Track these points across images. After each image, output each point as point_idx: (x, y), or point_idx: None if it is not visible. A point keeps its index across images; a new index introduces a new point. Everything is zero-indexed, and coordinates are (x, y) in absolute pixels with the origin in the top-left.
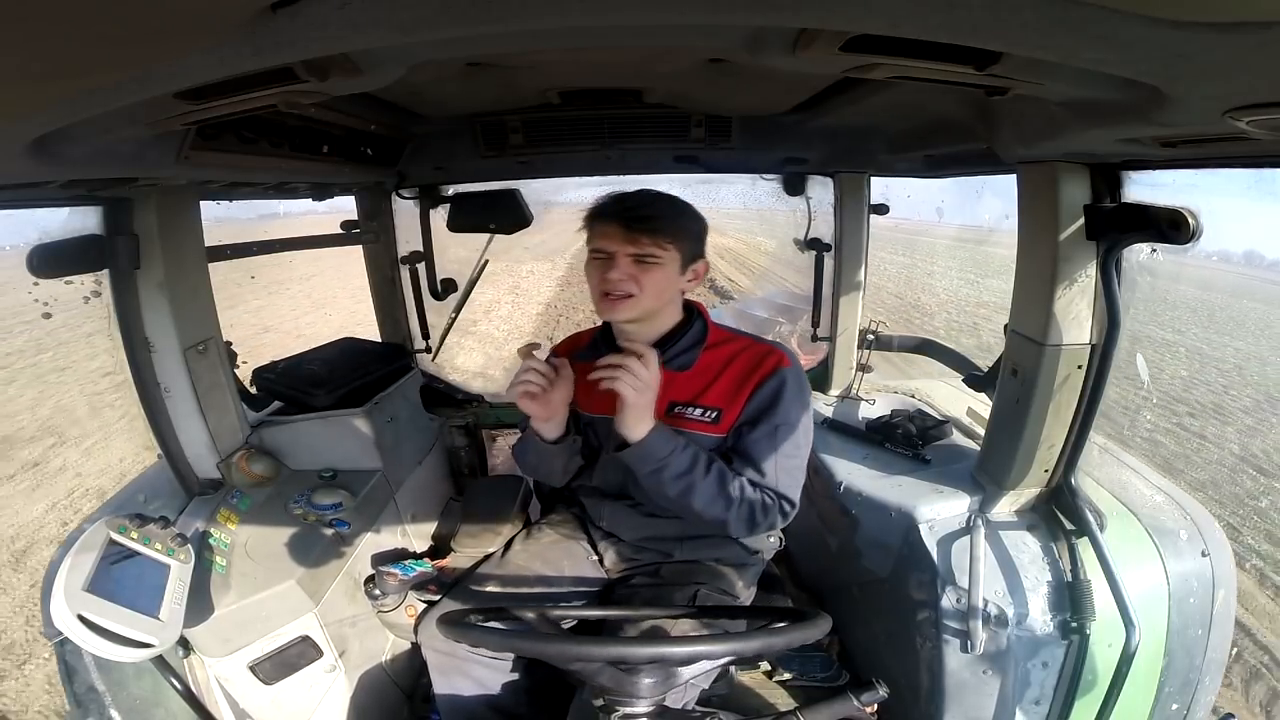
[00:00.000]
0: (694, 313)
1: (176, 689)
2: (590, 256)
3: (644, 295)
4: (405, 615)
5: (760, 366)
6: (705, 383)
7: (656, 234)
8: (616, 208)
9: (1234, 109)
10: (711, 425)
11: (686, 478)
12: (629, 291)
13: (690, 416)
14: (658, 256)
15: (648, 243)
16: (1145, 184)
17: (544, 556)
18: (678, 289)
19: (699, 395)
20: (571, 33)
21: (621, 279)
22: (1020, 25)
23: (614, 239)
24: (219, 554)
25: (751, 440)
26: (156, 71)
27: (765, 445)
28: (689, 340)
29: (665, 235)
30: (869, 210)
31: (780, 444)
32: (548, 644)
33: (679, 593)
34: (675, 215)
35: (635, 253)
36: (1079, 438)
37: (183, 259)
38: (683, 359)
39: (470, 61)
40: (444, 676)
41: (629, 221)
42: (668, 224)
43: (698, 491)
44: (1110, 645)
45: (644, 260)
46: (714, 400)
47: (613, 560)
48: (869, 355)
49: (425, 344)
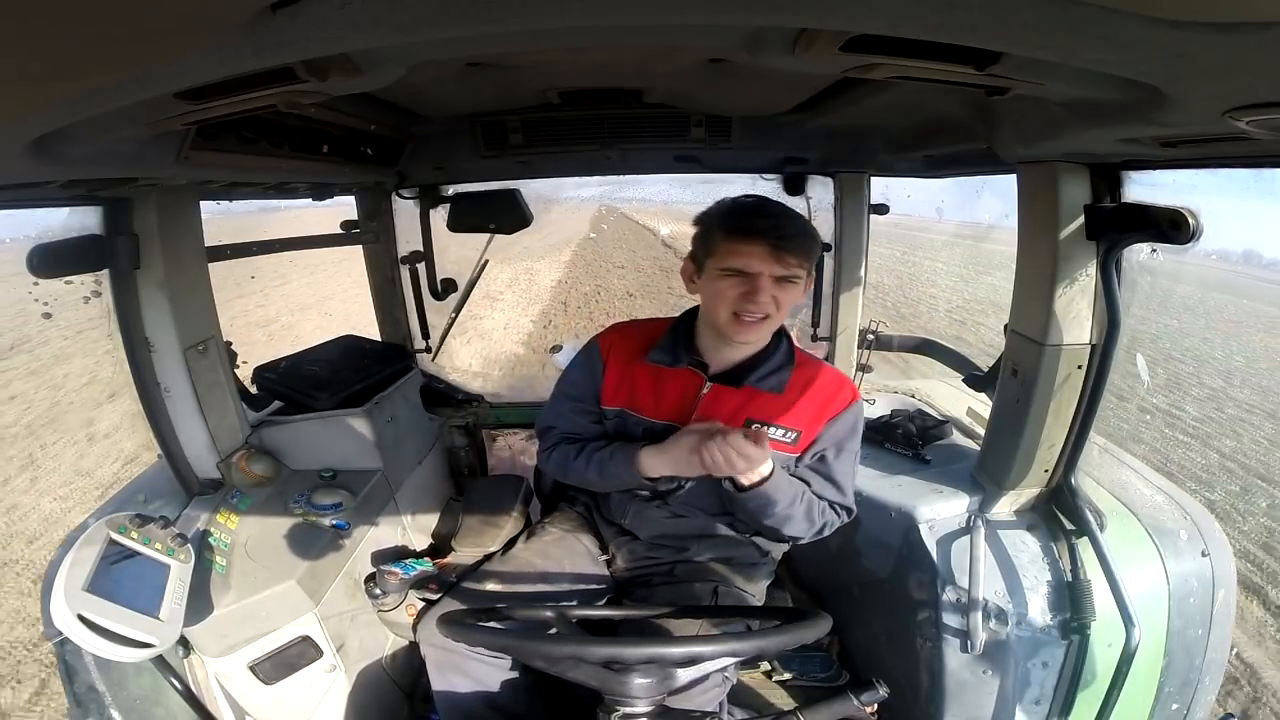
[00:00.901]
0: (781, 332)
1: (176, 689)
2: (722, 274)
3: (779, 315)
4: (406, 614)
5: (839, 397)
6: (788, 403)
7: (801, 254)
8: (763, 227)
9: (1234, 109)
10: (790, 446)
11: (788, 509)
12: (768, 313)
13: (772, 436)
14: (799, 277)
15: (794, 264)
16: (1145, 184)
17: (546, 554)
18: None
19: (781, 414)
20: (571, 33)
21: (766, 302)
22: (1020, 25)
23: (759, 259)
24: (219, 554)
25: (836, 466)
26: (156, 71)
27: (846, 471)
28: (778, 361)
29: (807, 255)
30: (869, 210)
31: (854, 468)
32: (543, 646)
33: (684, 589)
34: (809, 231)
35: (782, 274)
36: (1079, 438)
37: (182, 259)
38: (773, 381)
39: (470, 61)
40: (442, 674)
41: (778, 241)
42: (809, 242)
43: (792, 521)
44: (1110, 645)
45: (788, 282)
46: (794, 422)
47: (625, 559)
48: (869, 355)
49: (425, 344)
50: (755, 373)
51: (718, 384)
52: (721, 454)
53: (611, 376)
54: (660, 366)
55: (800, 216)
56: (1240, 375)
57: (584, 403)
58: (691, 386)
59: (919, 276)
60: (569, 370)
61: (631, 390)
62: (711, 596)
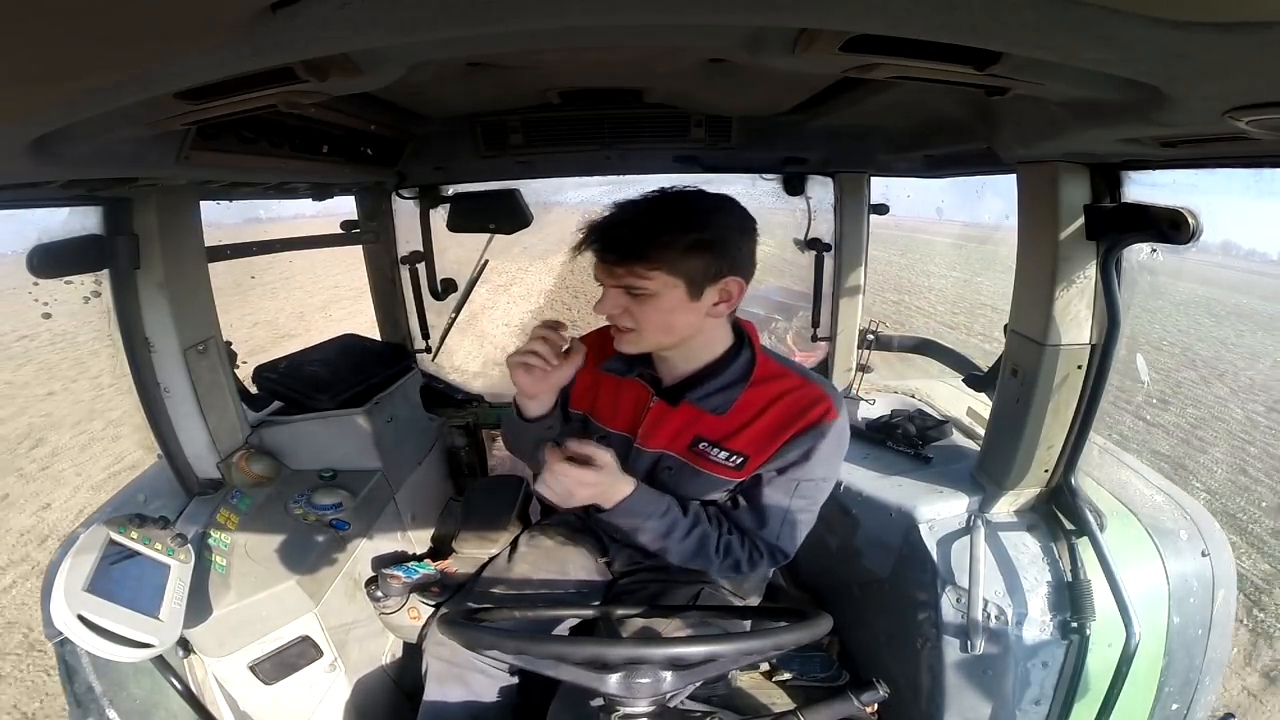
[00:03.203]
0: (744, 341)
1: (176, 689)
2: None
3: (645, 331)
4: (408, 617)
5: (803, 416)
6: (740, 424)
7: (633, 261)
8: (595, 231)
9: (1234, 109)
10: (733, 471)
11: (663, 541)
12: (626, 326)
13: (714, 458)
14: (645, 288)
15: (624, 274)
16: (1145, 184)
17: (551, 558)
18: (695, 318)
19: (729, 436)
20: (571, 33)
21: (613, 313)
22: (1020, 25)
23: (598, 268)
24: (219, 554)
25: (766, 492)
26: (156, 71)
27: (778, 500)
28: (729, 378)
29: (649, 262)
30: (869, 210)
31: (795, 500)
32: (543, 645)
33: (683, 590)
34: (667, 232)
35: (619, 285)
36: (1079, 438)
37: (182, 259)
38: (718, 399)
39: (470, 61)
40: (439, 684)
41: (604, 249)
42: (653, 247)
43: (675, 551)
44: (1110, 645)
45: (634, 292)
46: (743, 445)
47: (623, 561)
48: (869, 355)
49: (425, 344)
50: (696, 390)
51: (662, 400)
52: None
53: (582, 379)
54: (611, 375)
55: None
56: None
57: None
58: (641, 399)
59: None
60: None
61: (595, 396)
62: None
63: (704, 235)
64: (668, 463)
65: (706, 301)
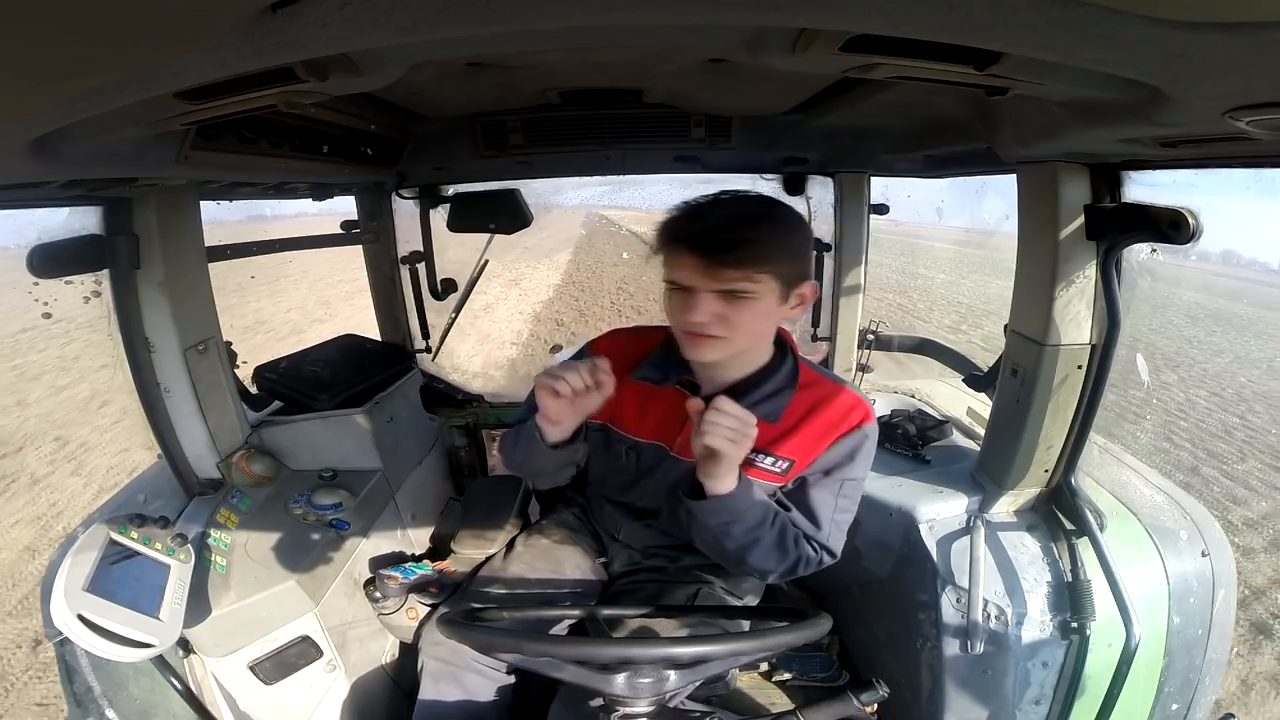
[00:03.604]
0: (785, 348)
1: (176, 689)
2: (668, 287)
3: (736, 336)
4: (407, 617)
5: (844, 420)
6: (785, 429)
7: (746, 264)
8: (693, 230)
9: (1234, 109)
10: (778, 476)
11: (754, 532)
12: (717, 334)
13: (760, 464)
14: (751, 291)
15: (736, 276)
16: (1145, 184)
17: (548, 558)
18: (777, 322)
19: (775, 442)
20: (571, 33)
21: (707, 321)
22: (1020, 25)
23: (693, 271)
24: (219, 554)
25: (814, 493)
26: (156, 71)
27: (826, 500)
28: (777, 384)
29: (759, 264)
30: (869, 210)
31: (840, 499)
32: (544, 645)
33: (682, 590)
34: (770, 234)
35: (721, 289)
36: (1079, 438)
37: (183, 259)
38: (770, 405)
39: (470, 61)
40: (434, 683)
41: (710, 250)
42: (761, 248)
43: (759, 547)
44: (1110, 645)
45: (734, 295)
46: (789, 451)
47: (622, 563)
48: (869, 355)
49: (425, 344)
50: (749, 396)
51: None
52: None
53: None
54: (645, 384)
55: (764, 212)
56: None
57: None
58: (678, 407)
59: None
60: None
61: (616, 404)
62: (708, 597)
63: (799, 239)
64: None
65: (789, 305)
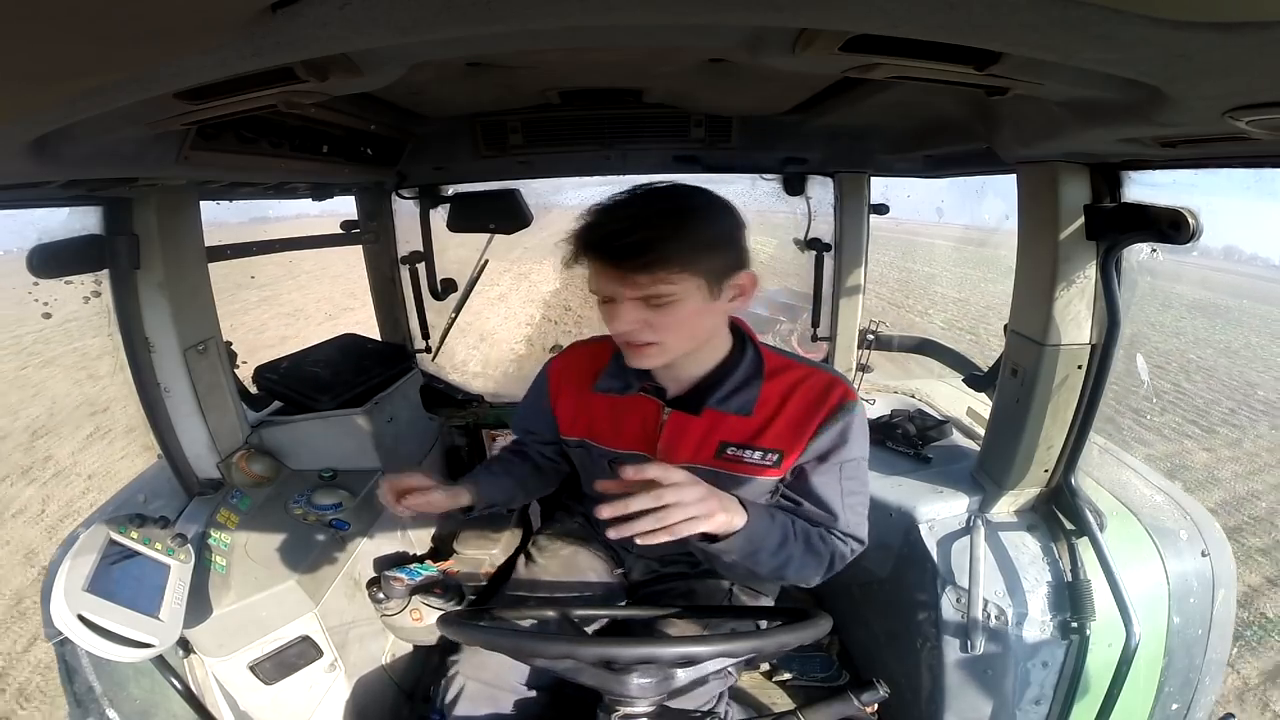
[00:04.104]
0: (744, 339)
1: (176, 689)
2: (596, 297)
3: (669, 340)
4: (410, 619)
5: (825, 401)
6: (763, 421)
7: (656, 267)
8: (598, 238)
9: (1234, 109)
10: (772, 469)
11: (782, 552)
12: (648, 340)
13: (749, 460)
14: (670, 295)
15: (649, 282)
16: (1145, 184)
17: (570, 565)
18: (716, 318)
19: (757, 435)
20: (571, 33)
21: (633, 329)
22: (1020, 25)
23: (608, 280)
24: (219, 554)
25: (816, 481)
26: (156, 71)
27: (831, 485)
28: (743, 375)
29: (670, 266)
30: (869, 210)
31: (846, 483)
32: (542, 645)
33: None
34: (681, 232)
35: (638, 295)
36: (1079, 438)
37: (183, 259)
38: (741, 399)
39: (470, 61)
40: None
41: (618, 258)
42: (671, 249)
43: (792, 563)
44: (1110, 645)
45: (656, 303)
46: (773, 442)
47: (640, 572)
48: (869, 355)
49: (425, 344)
50: (715, 394)
51: (676, 410)
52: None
53: (565, 407)
54: (609, 395)
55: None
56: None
57: (538, 434)
58: (650, 413)
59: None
60: (522, 402)
61: (590, 420)
62: (726, 597)
63: (718, 230)
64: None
65: (724, 299)
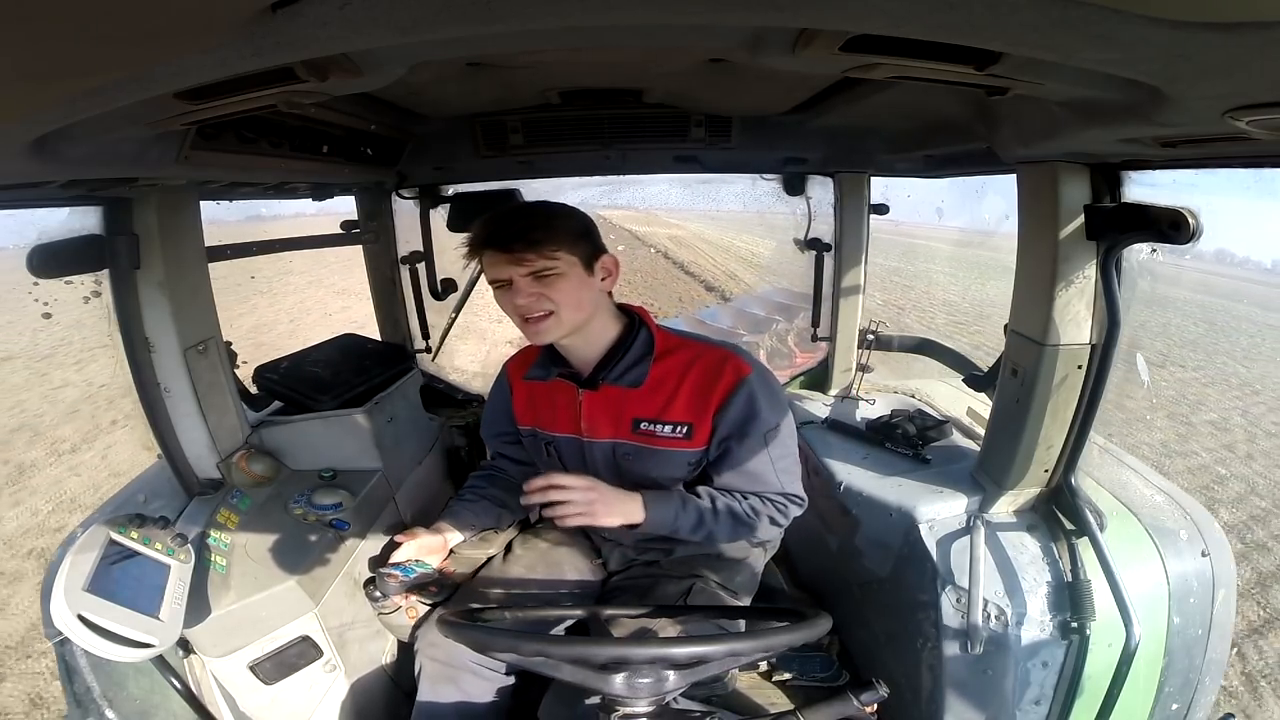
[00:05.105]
0: (636, 321)
1: (176, 689)
2: (493, 288)
3: (562, 310)
4: (406, 617)
5: (721, 376)
6: (667, 396)
7: (540, 245)
8: (489, 233)
9: (1234, 109)
10: (685, 441)
11: (702, 528)
12: (545, 310)
13: (661, 434)
14: (554, 267)
15: (536, 257)
16: (1145, 184)
17: (547, 559)
18: (595, 293)
19: (664, 410)
20: (571, 33)
21: (530, 301)
22: (1020, 25)
23: (503, 265)
24: (219, 554)
25: (743, 454)
26: (156, 71)
27: (759, 456)
28: (636, 353)
29: (550, 244)
30: (869, 210)
31: (772, 449)
32: (543, 645)
33: (675, 585)
34: (551, 221)
35: (529, 272)
36: (1079, 438)
37: (183, 259)
38: (633, 374)
39: (470, 61)
40: (433, 685)
41: (508, 242)
42: (547, 232)
43: (719, 534)
44: (1110, 645)
45: (543, 275)
46: (681, 415)
47: (617, 561)
48: (869, 355)
49: (425, 344)
50: (613, 370)
51: (586, 390)
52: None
53: (520, 399)
54: (542, 383)
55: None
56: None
57: (500, 427)
58: (570, 396)
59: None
60: (485, 407)
61: (536, 409)
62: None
63: (579, 223)
64: (625, 450)
65: (598, 277)
